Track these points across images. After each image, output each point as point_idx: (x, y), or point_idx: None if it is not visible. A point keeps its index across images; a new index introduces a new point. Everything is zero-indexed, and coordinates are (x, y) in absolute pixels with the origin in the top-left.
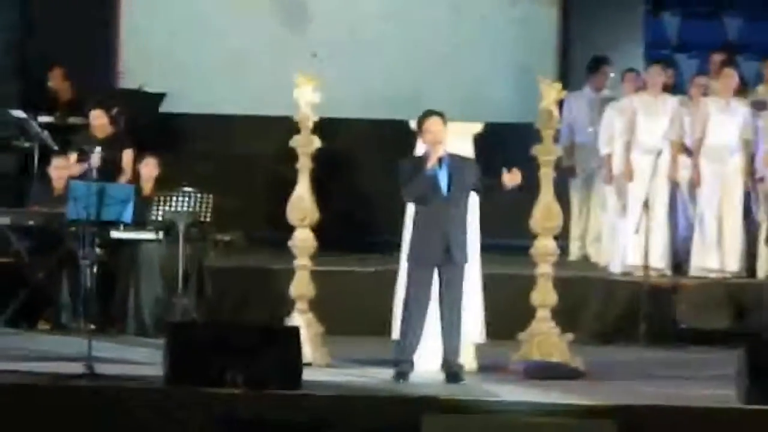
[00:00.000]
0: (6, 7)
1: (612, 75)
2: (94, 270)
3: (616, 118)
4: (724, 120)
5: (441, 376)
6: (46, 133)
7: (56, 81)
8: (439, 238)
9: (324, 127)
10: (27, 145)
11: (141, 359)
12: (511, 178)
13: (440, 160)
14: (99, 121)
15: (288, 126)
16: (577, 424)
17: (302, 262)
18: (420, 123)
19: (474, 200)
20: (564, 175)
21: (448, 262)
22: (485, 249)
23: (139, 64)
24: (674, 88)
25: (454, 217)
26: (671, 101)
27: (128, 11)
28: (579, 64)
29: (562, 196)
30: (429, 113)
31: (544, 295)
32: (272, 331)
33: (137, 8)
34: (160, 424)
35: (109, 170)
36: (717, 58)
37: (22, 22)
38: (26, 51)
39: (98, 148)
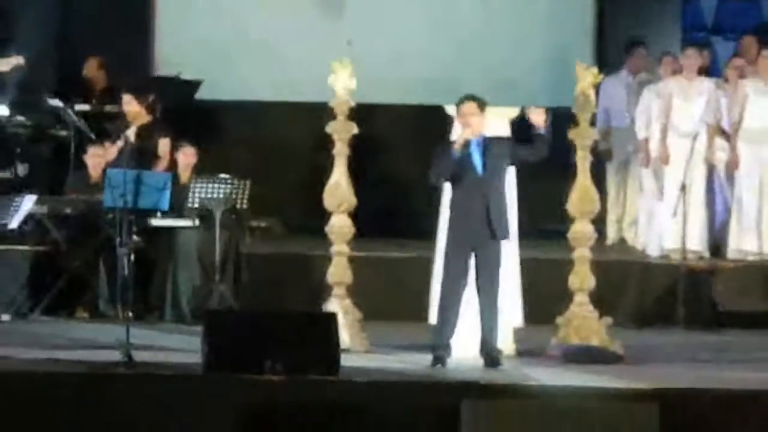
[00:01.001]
0: None
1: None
2: (132, 258)
3: (654, 102)
4: (763, 102)
5: (479, 360)
6: (82, 122)
7: (91, 70)
8: (477, 216)
9: (360, 112)
10: (63, 133)
11: (179, 346)
12: (536, 113)
13: (469, 143)
14: (130, 106)
15: (324, 112)
16: (618, 407)
17: (339, 248)
18: (457, 108)
19: (511, 180)
20: (601, 159)
21: (486, 240)
22: (523, 234)
23: (174, 53)
24: (710, 70)
25: (491, 195)
26: (707, 84)
27: (164, 1)
28: (616, 48)
29: (599, 180)
30: (464, 98)
31: (582, 279)
32: (310, 318)
33: None
34: (199, 411)
35: (146, 158)
36: (748, 41)
37: (60, 12)
38: (63, 41)
39: (133, 127)
